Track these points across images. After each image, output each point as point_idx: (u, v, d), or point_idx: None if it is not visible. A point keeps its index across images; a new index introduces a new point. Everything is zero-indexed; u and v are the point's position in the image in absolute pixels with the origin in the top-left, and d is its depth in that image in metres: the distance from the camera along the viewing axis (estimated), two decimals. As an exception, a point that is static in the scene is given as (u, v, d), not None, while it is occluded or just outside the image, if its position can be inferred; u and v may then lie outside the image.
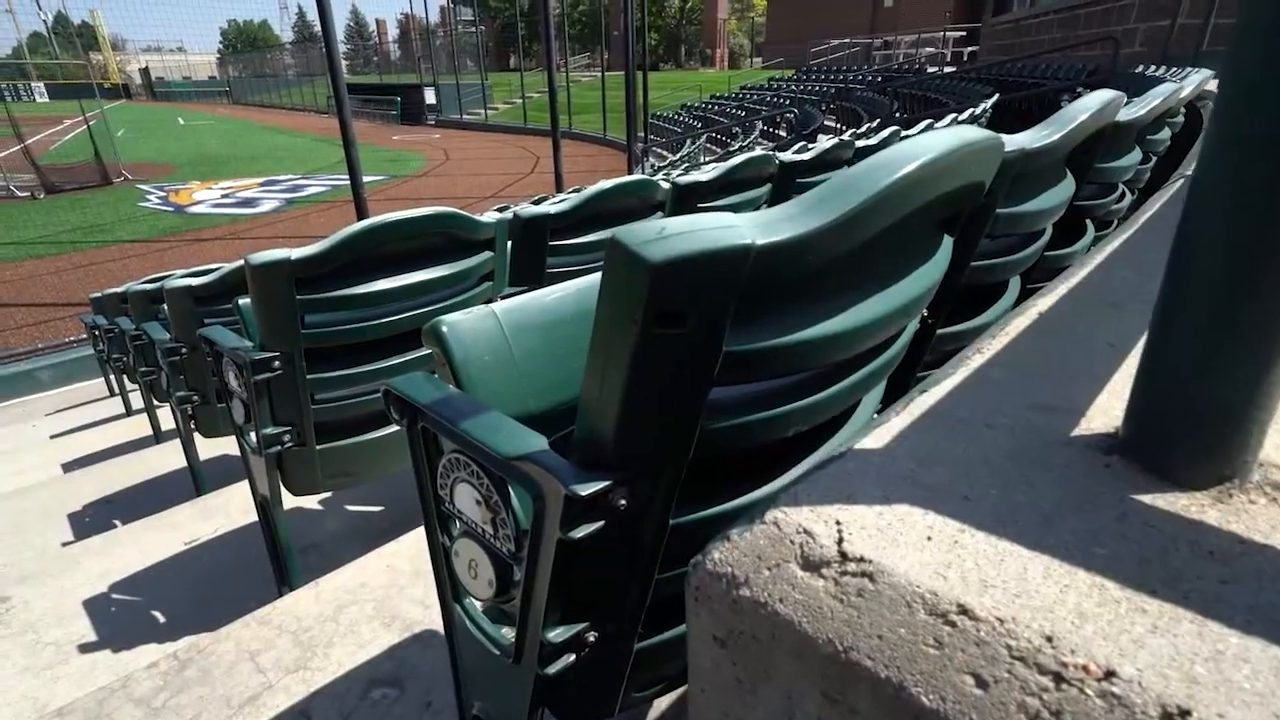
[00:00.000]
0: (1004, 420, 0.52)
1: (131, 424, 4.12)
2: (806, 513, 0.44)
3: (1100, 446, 0.50)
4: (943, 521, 0.41)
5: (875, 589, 0.37)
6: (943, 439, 0.51)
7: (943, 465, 0.47)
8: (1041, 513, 0.43)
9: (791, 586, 0.40)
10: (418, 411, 0.78)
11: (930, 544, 0.40)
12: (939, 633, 0.36)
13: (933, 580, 0.38)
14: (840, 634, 0.37)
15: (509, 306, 0.93)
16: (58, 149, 21.39)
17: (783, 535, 0.42)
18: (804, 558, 0.40)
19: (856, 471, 0.48)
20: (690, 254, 0.50)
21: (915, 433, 0.53)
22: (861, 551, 0.40)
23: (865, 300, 0.66)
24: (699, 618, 0.46)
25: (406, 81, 36.14)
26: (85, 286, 8.16)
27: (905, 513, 0.42)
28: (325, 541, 2.24)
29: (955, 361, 0.63)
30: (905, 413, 0.56)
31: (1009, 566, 0.38)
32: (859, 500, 0.44)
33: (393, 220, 1.55)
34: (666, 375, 0.56)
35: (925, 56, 20.35)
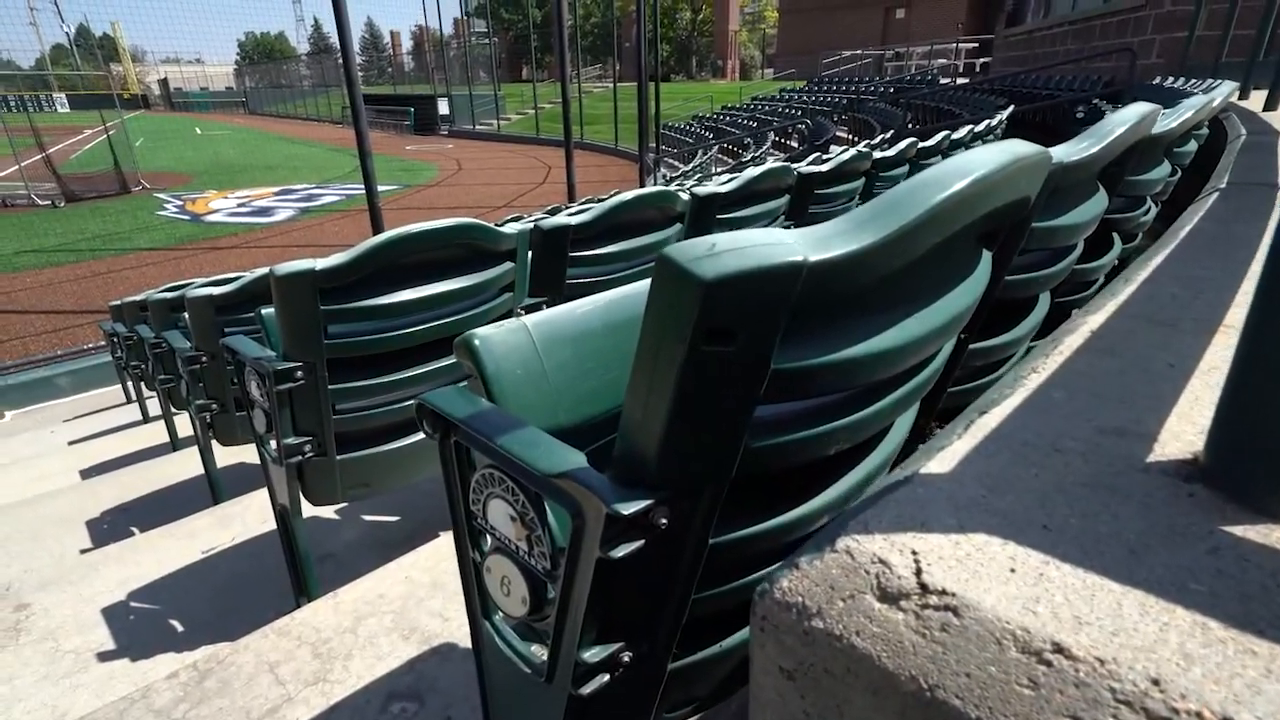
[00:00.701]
0: (1073, 444, 0.51)
1: (148, 431, 4.14)
2: (880, 541, 0.42)
3: (1180, 474, 0.48)
4: (1024, 552, 0.40)
5: (961, 624, 0.36)
6: (1011, 464, 0.50)
7: (1015, 492, 0.46)
8: (1127, 545, 0.41)
9: (868, 619, 0.38)
10: (452, 426, 0.77)
11: (1014, 576, 0.38)
12: (1034, 672, 0.34)
13: (1022, 615, 0.36)
14: (924, 671, 0.35)
15: (540, 319, 0.92)
16: (78, 158, 21.73)
17: (856, 565, 0.41)
18: (881, 589, 0.39)
19: (926, 498, 0.47)
20: (742, 271, 0.49)
21: (981, 457, 0.52)
22: (942, 583, 0.38)
23: (911, 316, 0.64)
24: (764, 648, 0.45)
25: (420, 92, 36.51)
26: (104, 294, 8.26)
27: (983, 542, 0.41)
28: (341, 551, 2.24)
29: (1012, 380, 0.62)
30: (968, 435, 0.54)
31: (1101, 602, 0.37)
32: (933, 529, 0.43)
33: (416, 231, 1.55)
34: (713, 393, 0.55)
35: (937, 68, 20.35)
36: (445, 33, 36.86)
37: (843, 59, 25.72)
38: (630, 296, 1.04)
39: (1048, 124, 8.93)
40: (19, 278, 9.17)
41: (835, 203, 3.05)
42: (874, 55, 25.89)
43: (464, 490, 0.80)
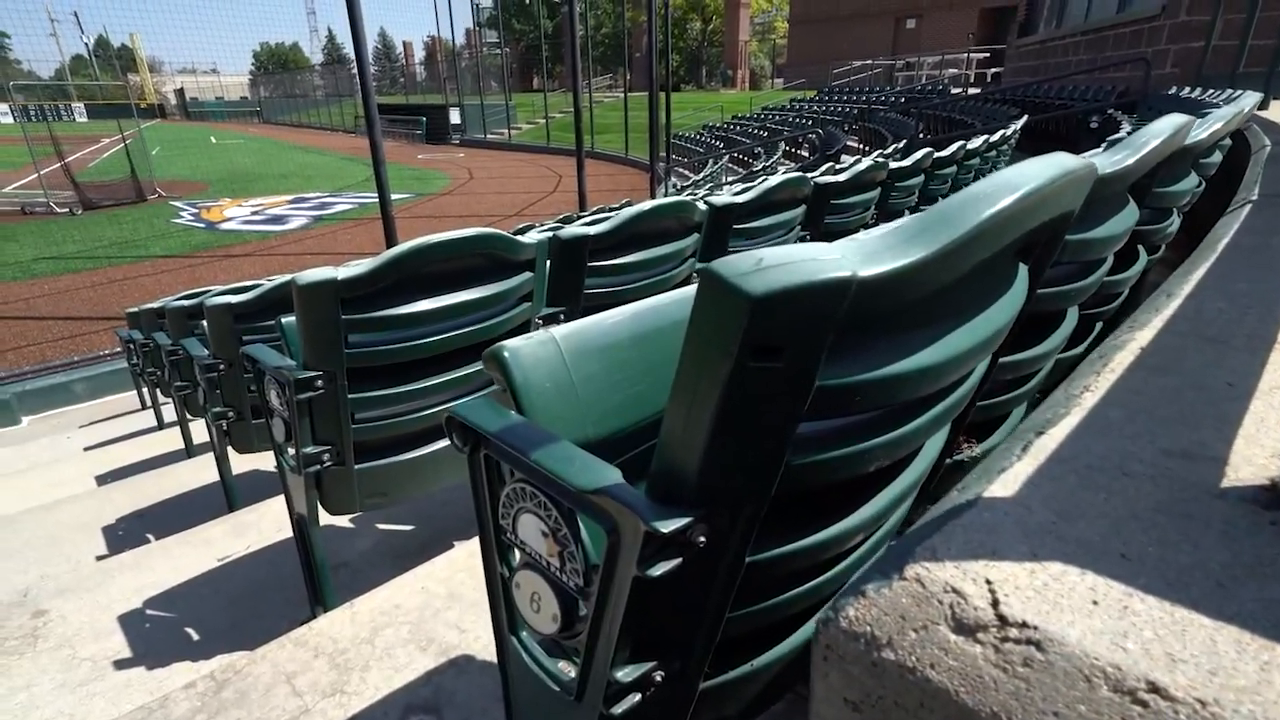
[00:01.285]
0: (1140, 468, 0.50)
1: (163, 437, 4.17)
2: (951, 569, 0.41)
3: (1258, 500, 0.47)
4: (1105, 583, 0.39)
5: (1045, 659, 0.35)
6: (1078, 487, 0.49)
7: (1086, 518, 0.45)
8: (1213, 577, 0.40)
9: (944, 651, 0.37)
10: (482, 439, 0.76)
11: (1098, 609, 0.37)
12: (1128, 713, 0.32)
13: (1111, 651, 0.35)
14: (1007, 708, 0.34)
15: (568, 331, 0.91)
16: (95, 166, 22.02)
17: (928, 594, 0.40)
18: (956, 620, 0.38)
19: (994, 524, 0.46)
20: (790, 286, 0.48)
21: (1046, 480, 0.50)
22: (1022, 615, 0.37)
23: (953, 332, 0.63)
24: (828, 678, 0.44)
25: (432, 102, 36.80)
26: (120, 300, 8.33)
27: (1060, 572, 0.40)
28: (356, 560, 2.24)
29: (1065, 399, 0.61)
30: (1028, 457, 0.53)
31: (1194, 638, 0.35)
32: (1006, 556, 0.42)
33: (437, 241, 1.55)
34: (757, 410, 0.54)
35: (948, 77, 20.33)
36: (457, 43, 37.18)
37: (853, 69, 25.76)
38: (657, 308, 1.04)
39: (1061, 134, 8.90)
40: (37, 284, 9.27)
41: (851, 213, 3.03)
42: (884, 65, 25.91)
43: (493, 504, 0.79)
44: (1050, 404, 0.62)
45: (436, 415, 1.77)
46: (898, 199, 3.45)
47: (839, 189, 2.85)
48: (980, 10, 27.09)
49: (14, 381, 5.60)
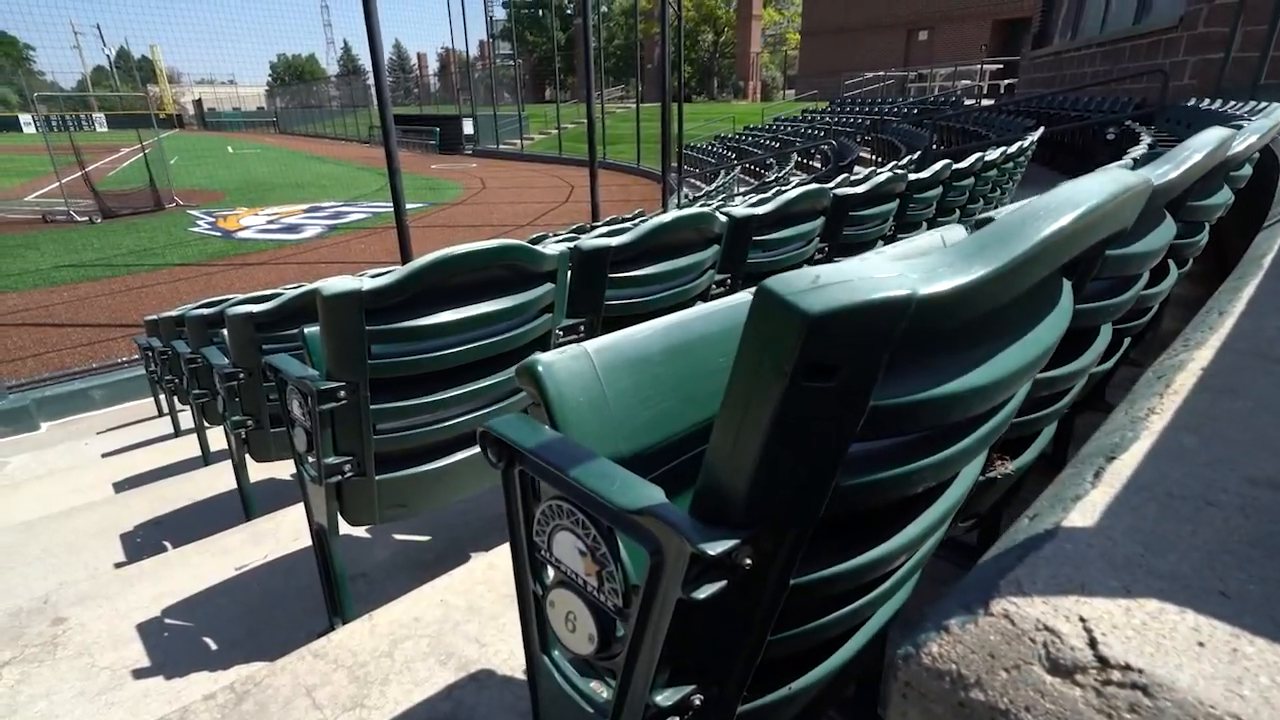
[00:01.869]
0: (1225, 497, 0.48)
1: (180, 445, 4.19)
2: (1040, 605, 0.40)
3: None
4: (1208, 623, 0.37)
5: (1154, 705, 0.33)
6: (1162, 518, 0.47)
7: (1176, 551, 0.43)
8: None
9: (1040, 694, 0.36)
10: (518, 454, 0.75)
11: (1204, 651, 0.35)
12: None
13: (1227, 699, 0.33)
14: None
15: (601, 345, 0.90)
16: (115, 175, 22.34)
17: (1019, 631, 0.38)
18: (1051, 660, 0.36)
19: (1079, 556, 0.44)
20: (849, 305, 0.47)
21: (1126, 509, 0.49)
22: (1124, 657, 0.35)
23: (1005, 350, 0.62)
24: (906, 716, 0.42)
25: (445, 112, 37.14)
26: (137, 308, 8.42)
27: (1158, 610, 0.38)
28: (373, 571, 2.23)
29: (1130, 422, 0.59)
30: (1103, 484, 0.52)
31: None
32: (1096, 592, 0.40)
33: (461, 253, 1.55)
34: (809, 430, 0.53)
35: (961, 89, 20.31)
36: (471, 54, 37.54)
37: (865, 80, 25.79)
38: (687, 323, 1.03)
39: (1077, 146, 8.85)
40: (57, 291, 9.39)
41: (869, 224, 3.02)
42: (897, 76, 25.92)
43: (527, 521, 0.78)
44: (1114, 427, 0.60)
45: (458, 426, 1.76)
46: (915, 211, 3.43)
47: (858, 201, 2.83)
48: (993, 21, 27.08)
49: (34, 388, 5.66)
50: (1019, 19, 25.35)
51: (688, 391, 0.99)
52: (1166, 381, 0.64)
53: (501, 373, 1.77)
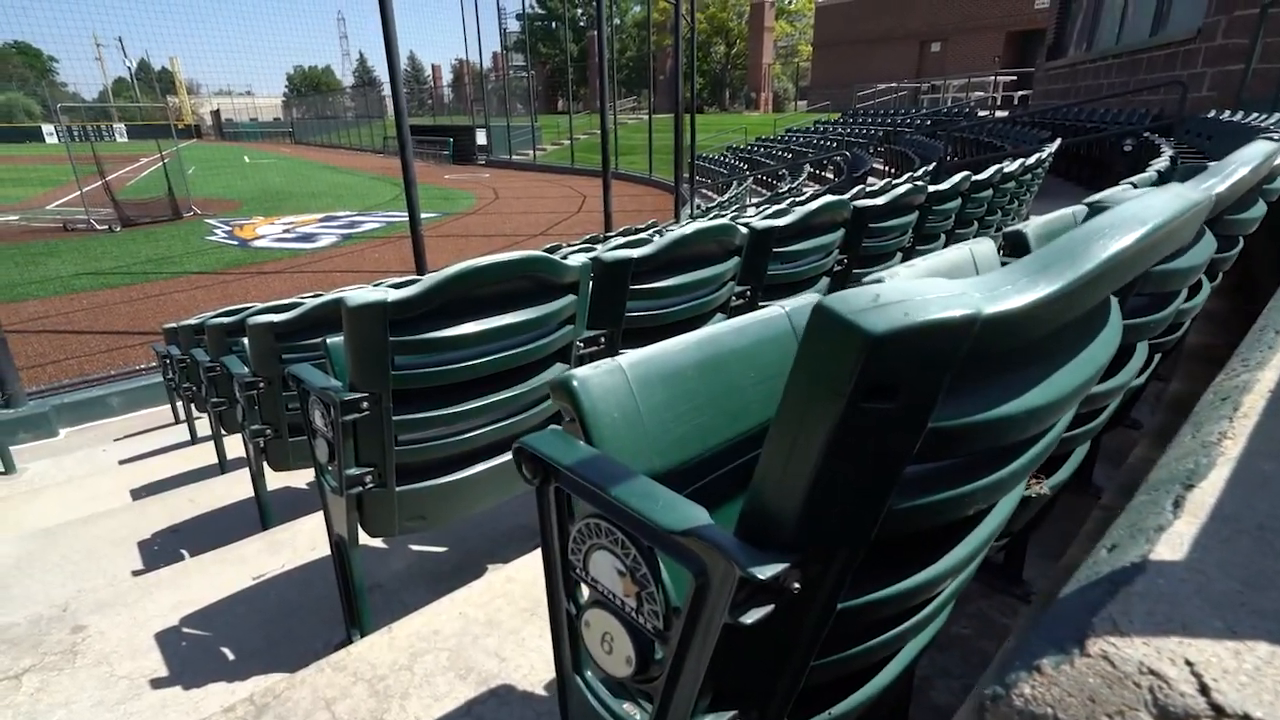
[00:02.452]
0: None
1: (197, 452, 4.21)
2: (1142, 646, 0.38)
3: None
4: None
5: None
6: (1257, 552, 0.45)
7: (1277, 588, 0.41)
8: None
9: None
10: (554, 471, 0.74)
11: None
12: None
13: None
14: None
15: (635, 360, 0.89)
16: (134, 185, 22.65)
17: (1121, 674, 0.37)
18: (1159, 707, 0.34)
19: (1174, 593, 0.42)
20: (913, 325, 0.45)
21: (1215, 542, 0.47)
22: (1241, 706, 0.33)
23: (1060, 370, 0.60)
24: None
25: (459, 123, 37.47)
26: (155, 315, 8.51)
27: (1270, 654, 0.36)
28: (389, 582, 2.22)
29: (1201, 448, 0.57)
30: (1185, 514, 0.50)
31: None
32: (1199, 632, 0.38)
33: (485, 264, 1.54)
34: (865, 453, 0.51)
35: (974, 100, 20.27)
36: (484, 66, 37.90)
37: (878, 91, 25.80)
38: (720, 336, 1.02)
39: (1094, 157, 8.79)
40: (77, 298, 9.50)
41: (888, 236, 3.00)
42: (909, 88, 25.92)
43: (562, 540, 0.77)
44: (1184, 452, 0.58)
45: (478, 438, 1.76)
46: (934, 223, 3.41)
47: (877, 213, 2.82)
48: (1006, 33, 27.04)
49: (54, 394, 5.71)
50: (1033, 30, 25.30)
51: (720, 407, 0.98)
52: (1234, 404, 0.62)
53: (523, 384, 1.76)
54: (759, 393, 1.03)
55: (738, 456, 0.99)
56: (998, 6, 27.03)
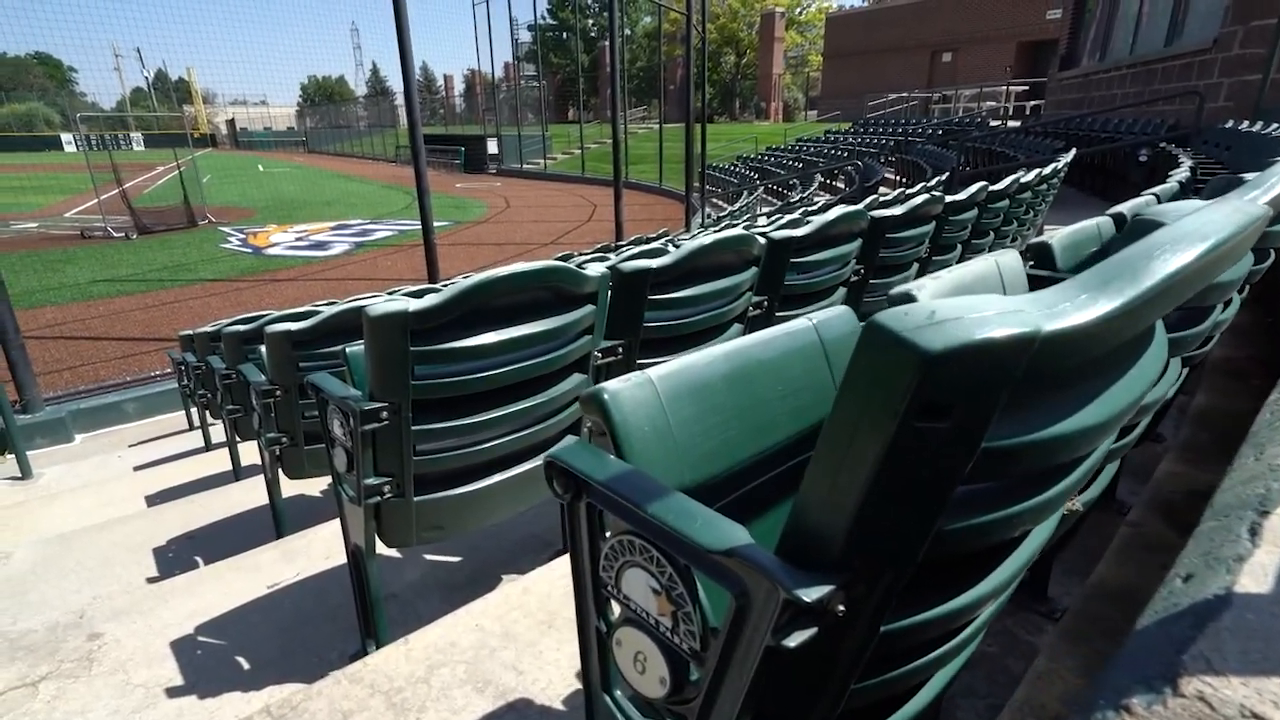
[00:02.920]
0: None
1: (211, 459, 4.23)
2: (1241, 687, 0.36)
3: None
4: None
5: None
6: None
7: None
8: None
9: None
10: (586, 486, 0.73)
11: None
12: None
13: None
14: None
15: (664, 373, 0.88)
16: (150, 193, 22.91)
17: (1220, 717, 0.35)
18: None
19: (1266, 628, 0.41)
20: (971, 342, 0.44)
21: None
22: None
23: (1112, 387, 0.59)
24: None
25: (470, 132, 37.74)
26: (170, 322, 8.58)
27: None
28: (404, 592, 2.21)
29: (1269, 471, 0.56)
30: (1267, 544, 0.48)
31: None
32: None
33: (505, 274, 1.54)
34: (917, 474, 0.50)
35: (986, 110, 20.22)
36: (496, 76, 38.19)
37: (888, 101, 25.79)
38: (748, 349, 1.01)
39: (1108, 167, 8.74)
40: (93, 305, 9.60)
41: (905, 247, 2.98)
42: (920, 97, 25.90)
43: (593, 556, 0.76)
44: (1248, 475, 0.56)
45: (496, 449, 1.75)
46: (950, 233, 3.39)
47: (895, 223, 2.80)
48: (1018, 43, 27.01)
49: (70, 400, 5.76)
50: (1044, 41, 25.26)
51: (749, 421, 0.96)
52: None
53: (541, 395, 1.75)
54: (786, 406, 1.01)
55: (765, 471, 0.97)
56: (1009, 17, 27.03)
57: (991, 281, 1.49)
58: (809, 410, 1.04)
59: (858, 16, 36.58)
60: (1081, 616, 1.26)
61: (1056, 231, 1.88)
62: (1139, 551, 1.57)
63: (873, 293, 2.99)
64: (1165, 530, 1.69)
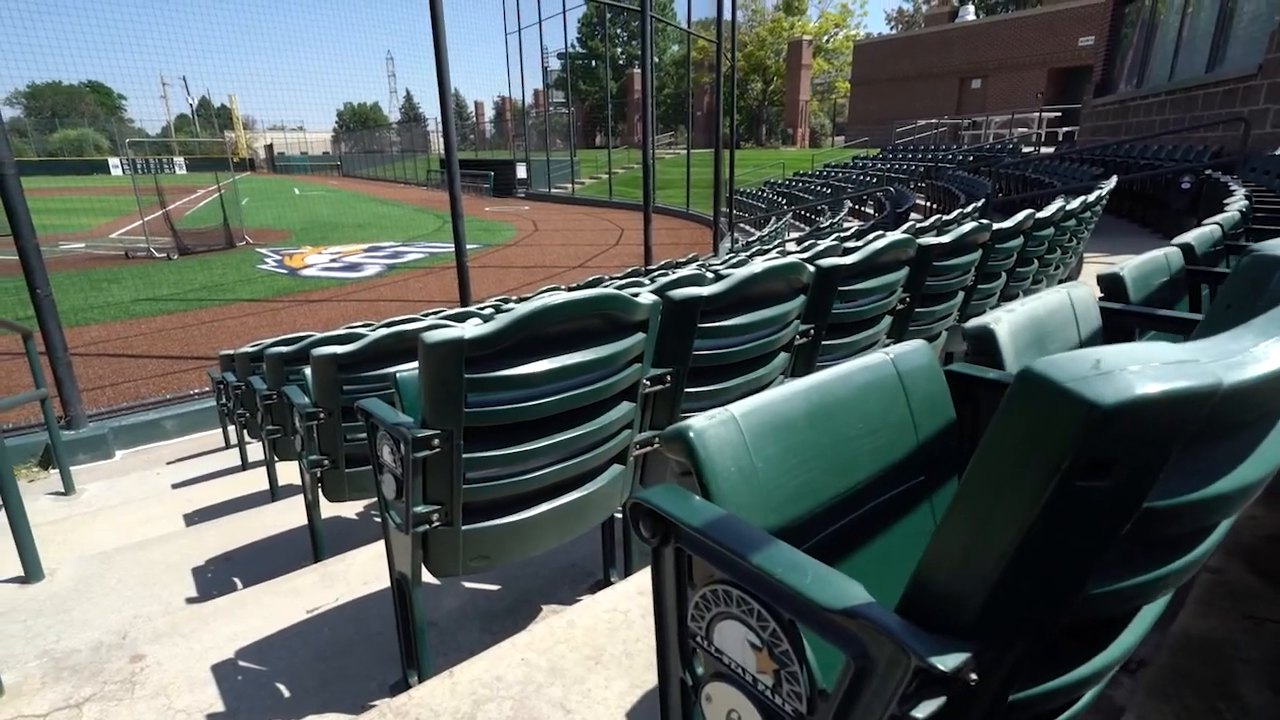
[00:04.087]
0: None
1: (248, 478, 4.26)
2: None
3: None
4: None
5: None
6: None
7: None
8: None
9: None
10: (677, 531, 0.70)
11: None
12: None
13: None
14: None
15: (747, 410, 0.85)
16: (191, 215, 23.60)
17: None
18: None
19: None
20: (1148, 395, 0.40)
21: None
22: None
23: (1266, 439, 0.54)
24: None
25: (500, 157, 38.41)
26: (208, 341, 8.76)
27: None
28: (443, 620, 2.18)
29: None
30: None
31: None
32: None
33: (561, 302, 1.53)
34: (1069, 534, 0.46)
35: (1018, 136, 20.06)
36: (525, 103, 38.94)
37: (917, 127, 25.74)
38: (827, 384, 0.97)
39: (1149, 194, 8.58)
40: (135, 324, 9.84)
41: (951, 275, 2.93)
42: (949, 124, 25.81)
43: (680, 604, 0.72)
44: None
45: (543, 477, 1.72)
46: (996, 261, 3.33)
47: (942, 251, 2.75)
48: (1049, 70, 26.85)
49: (111, 417, 5.88)
50: (1077, 67, 25.10)
51: (829, 459, 0.92)
52: None
53: (589, 423, 1.72)
54: (867, 445, 0.97)
55: (847, 513, 0.93)
56: (1041, 44, 26.92)
57: (1065, 315, 1.44)
58: (889, 449, 1.00)
59: (885, 44, 36.72)
60: (1170, 671, 1.18)
61: (1124, 262, 1.82)
62: (1222, 600, 1.49)
63: (917, 321, 2.93)
64: (1248, 577, 1.60)
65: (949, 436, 1.06)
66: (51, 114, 60.32)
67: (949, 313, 3.08)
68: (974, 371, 1.07)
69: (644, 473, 2.11)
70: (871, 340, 2.60)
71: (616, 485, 1.95)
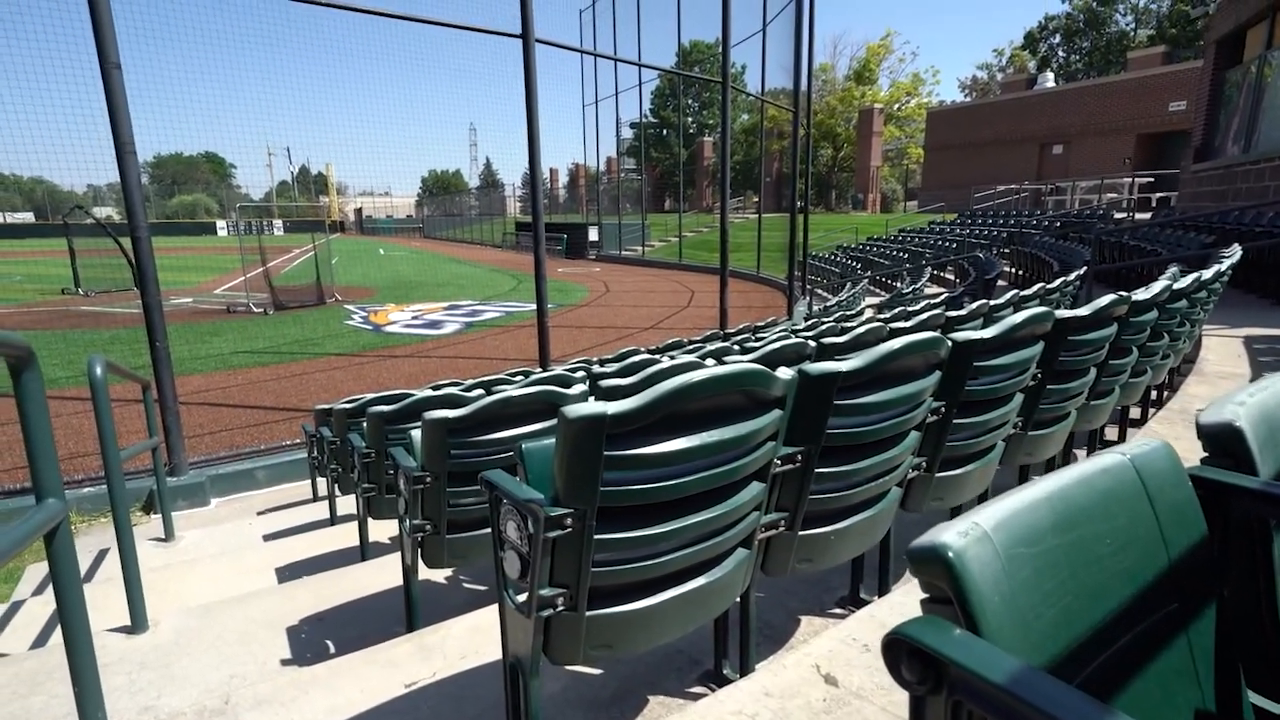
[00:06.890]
0: None
1: (337, 533, 4.29)
2: None
3: None
4: None
5: None
6: None
7: None
8: None
9: None
10: (954, 678, 0.58)
11: None
12: None
13: None
14: None
15: (996, 523, 0.73)
16: (287, 273, 25.19)
17: None
18: None
19: None
20: None
21: None
22: None
23: None
24: None
25: (572, 220, 39.76)
26: (297, 393, 9.12)
27: None
28: (546, 705, 2.05)
29: None
30: None
31: None
32: None
33: (701, 379, 1.45)
34: None
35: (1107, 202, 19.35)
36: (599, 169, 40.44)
37: (996, 192, 25.25)
38: (1067, 490, 0.84)
39: (1265, 263, 8.03)
40: (233, 375, 10.39)
41: (1086, 350, 2.72)
42: (1031, 189, 25.21)
43: (955, 769, 0.60)
44: None
45: (671, 562, 1.61)
46: (1129, 336, 3.09)
47: (1080, 324, 2.56)
48: (1138, 135, 26.05)
49: (208, 465, 6.11)
50: (1168, 132, 24.28)
51: (1082, 582, 0.79)
52: None
53: (721, 505, 1.61)
54: (1116, 564, 0.83)
55: (1102, 649, 0.78)
56: (1128, 110, 26.23)
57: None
58: (1139, 569, 0.86)
59: (961, 111, 36.62)
60: None
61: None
62: None
63: (1048, 399, 2.72)
64: None
65: (1201, 555, 0.90)
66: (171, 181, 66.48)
67: (1080, 390, 2.85)
68: (1228, 479, 0.92)
69: (766, 558, 1.97)
70: (1003, 420, 2.41)
71: (740, 571, 1.81)
